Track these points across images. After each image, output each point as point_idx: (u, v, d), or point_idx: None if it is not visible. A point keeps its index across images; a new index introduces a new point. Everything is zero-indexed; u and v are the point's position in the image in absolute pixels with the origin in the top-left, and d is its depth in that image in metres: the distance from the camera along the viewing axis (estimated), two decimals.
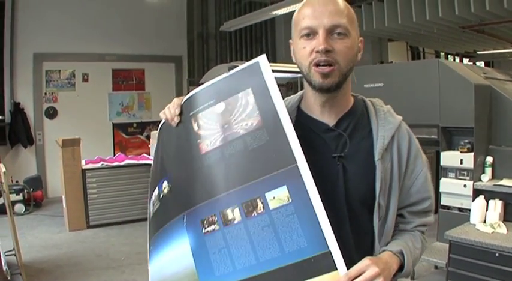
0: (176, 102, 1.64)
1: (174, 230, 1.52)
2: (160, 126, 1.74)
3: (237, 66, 5.67)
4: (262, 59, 1.50)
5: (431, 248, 5.09)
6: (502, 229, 4.34)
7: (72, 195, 7.52)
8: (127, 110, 11.45)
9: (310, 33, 1.48)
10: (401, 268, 1.51)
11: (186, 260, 1.45)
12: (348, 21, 1.51)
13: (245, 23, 9.71)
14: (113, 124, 11.31)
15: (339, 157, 1.54)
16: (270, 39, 11.26)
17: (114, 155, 9.13)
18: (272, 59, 10.45)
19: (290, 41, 1.62)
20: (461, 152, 5.11)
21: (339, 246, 1.29)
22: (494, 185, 4.75)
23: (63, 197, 7.61)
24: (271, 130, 1.39)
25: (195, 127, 1.54)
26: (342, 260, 1.25)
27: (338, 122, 1.59)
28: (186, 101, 1.61)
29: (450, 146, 5.38)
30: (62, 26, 10.09)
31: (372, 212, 1.54)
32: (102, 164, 7.91)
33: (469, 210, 4.77)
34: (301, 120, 1.63)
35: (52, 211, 8.80)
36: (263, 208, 1.33)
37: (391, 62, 10.21)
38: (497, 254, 4.01)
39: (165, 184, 1.63)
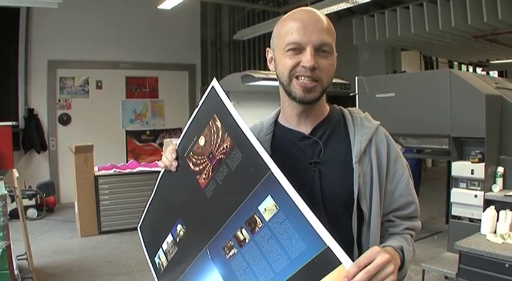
0: (171, 148, 1.70)
1: (201, 266, 1.56)
2: (160, 176, 1.80)
3: (251, 75, 5.72)
4: (214, 83, 1.56)
5: (441, 259, 5.08)
6: None
7: (84, 201, 7.57)
8: (140, 117, 11.52)
9: (297, 48, 1.51)
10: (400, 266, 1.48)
11: None
12: (332, 39, 1.55)
13: (258, 32, 9.78)
14: (126, 131, 11.38)
15: (315, 162, 1.57)
16: None
17: (127, 162, 9.17)
18: None
19: (268, 48, 1.67)
20: (472, 162, 5.11)
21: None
22: (505, 195, 4.75)
23: (76, 203, 7.67)
24: (242, 146, 1.44)
25: (191, 166, 1.61)
26: (344, 252, 1.23)
27: (313, 130, 1.63)
28: (179, 145, 1.69)
29: (461, 157, 5.39)
30: (76, 34, 10.20)
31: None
32: (114, 171, 7.95)
33: (480, 220, 4.76)
34: (278, 132, 1.68)
35: (64, 217, 8.86)
36: (261, 222, 1.36)
37: (404, 71, 10.21)
38: (507, 265, 3.99)
39: (179, 227, 1.68)
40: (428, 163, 14.61)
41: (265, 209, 1.35)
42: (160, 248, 1.79)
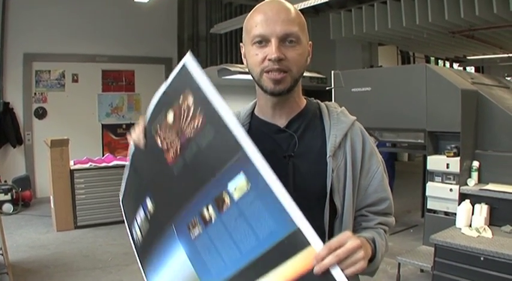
0: (139, 123, 1.66)
1: (167, 242, 1.53)
2: (131, 154, 1.75)
3: (227, 68, 5.65)
4: (187, 58, 1.49)
5: (417, 252, 5.12)
6: (487, 233, 4.38)
7: (60, 195, 7.50)
8: (116, 111, 11.42)
9: (263, 41, 1.51)
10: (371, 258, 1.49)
11: (187, 268, 1.46)
12: (300, 29, 1.54)
13: (235, 26, 9.74)
14: (102, 125, 11.27)
15: (290, 156, 1.57)
16: None
17: (103, 155, 9.10)
18: None
19: (241, 44, 1.66)
20: (447, 156, 5.15)
21: None
22: (480, 189, 4.79)
23: (51, 197, 7.58)
24: (215, 123, 1.39)
25: (159, 142, 1.56)
26: (315, 234, 1.22)
27: (289, 123, 1.63)
28: (148, 120, 1.64)
29: (437, 151, 5.42)
30: (53, 27, 10.06)
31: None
32: (90, 165, 7.88)
33: (455, 214, 4.82)
34: (253, 123, 1.68)
35: (40, 211, 8.75)
36: (230, 200, 1.32)
37: (381, 66, 10.25)
38: (482, 258, 4.05)
39: (148, 202, 1.64)
40: (405, 157, 14.72)
41: (235, 187, 1.32)
42: (136, 222, 1.75)
